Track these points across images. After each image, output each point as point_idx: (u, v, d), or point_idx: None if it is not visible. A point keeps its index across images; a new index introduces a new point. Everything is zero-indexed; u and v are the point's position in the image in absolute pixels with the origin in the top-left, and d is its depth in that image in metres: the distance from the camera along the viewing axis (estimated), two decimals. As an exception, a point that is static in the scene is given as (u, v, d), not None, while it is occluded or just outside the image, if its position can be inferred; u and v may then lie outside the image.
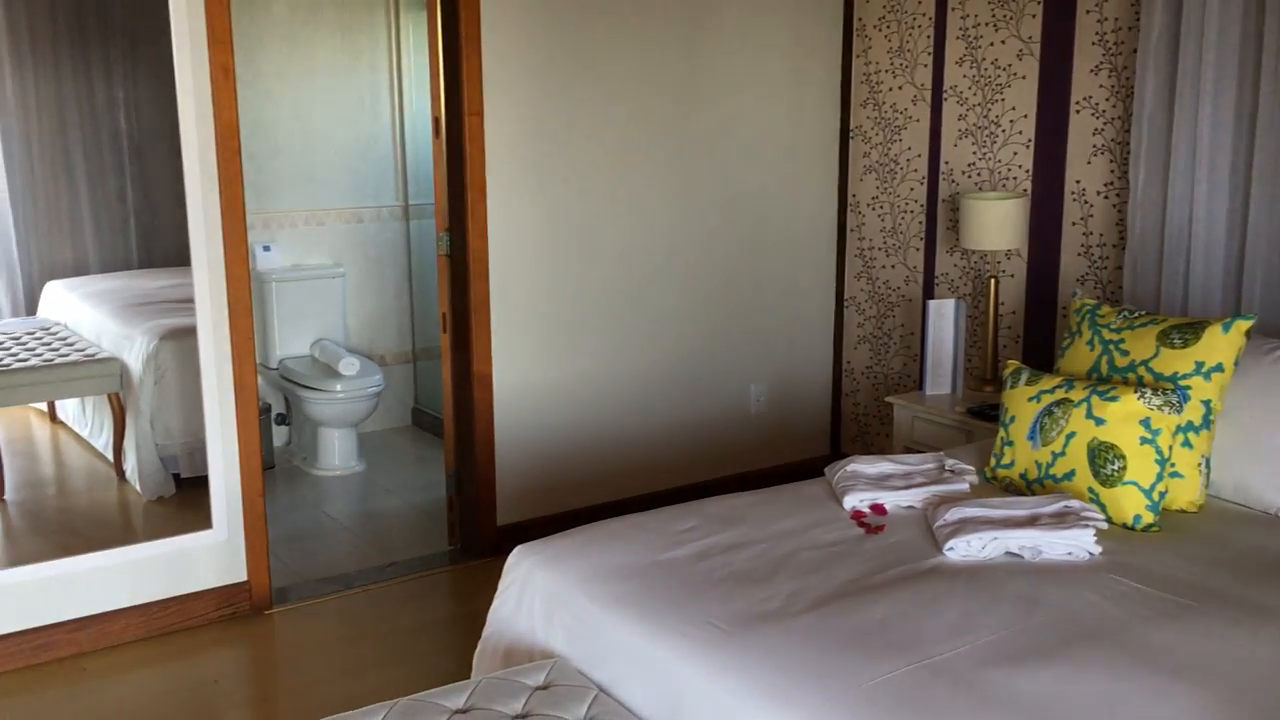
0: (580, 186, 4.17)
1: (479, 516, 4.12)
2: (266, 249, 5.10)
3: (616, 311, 4.32)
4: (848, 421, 4.97)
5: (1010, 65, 4.14)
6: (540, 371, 4.17)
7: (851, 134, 4.77)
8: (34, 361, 4.29)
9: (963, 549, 2.62)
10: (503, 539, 4.09)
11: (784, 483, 3.26)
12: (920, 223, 4.54)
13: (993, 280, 4.06)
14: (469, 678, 2.88)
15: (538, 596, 2.62)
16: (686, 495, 3.67)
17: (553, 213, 4.12)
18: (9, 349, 4.33)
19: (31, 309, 4.56)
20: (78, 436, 4.65)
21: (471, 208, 3.95)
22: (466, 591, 3.91)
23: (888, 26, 4.56)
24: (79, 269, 4.60)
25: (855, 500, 2.94)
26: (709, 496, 3.08)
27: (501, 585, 2.75)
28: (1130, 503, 2.81)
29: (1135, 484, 2.81)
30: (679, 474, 4.54)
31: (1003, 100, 4.18)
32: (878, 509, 2.92)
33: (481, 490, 4.11)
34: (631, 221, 4.30)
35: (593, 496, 4.31)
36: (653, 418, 4.46)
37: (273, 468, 5.02)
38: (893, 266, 4.67)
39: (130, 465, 4.24)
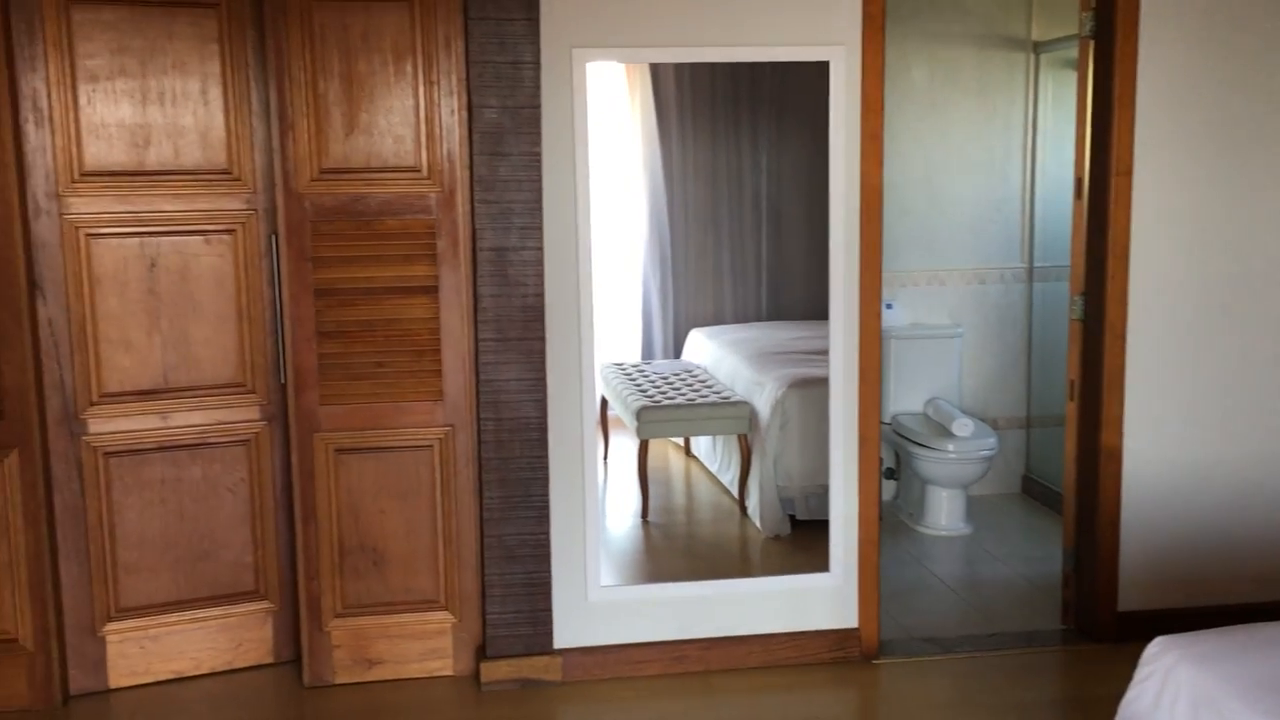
0: (1240, 251, 3.79)
1: (1098, 599, 3.86)
2: (889, 306, 5.25)
3: (1277, 390, 3.85)
4: None
5: None
6: (1179, 449, 3.83)
7: None
8: (679, 400, 4.79)
9: None
10: (1123, 626, 3.80)
11: None
12: None
13: None
14: (1091, 769, 2.72)
15: (1182, 696, 2.39)
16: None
17: (1204, 279, 3.78)
18: (660, 388, 4.88)
19: (676, 353, 5.12)
20: (707, 471, 5.11)
21: (1111, 271, 3.75)
22: (1079, 676, 3.68)
23: None
24: (716, 319, 5.09)
25: None
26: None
27: (1138, 676, 2.55)
28: None
29: None
30: (1342, 581, 3.93)
31: None
32: None
33: (1102, 571, 3.85)
34: (1299, 290, 3.83)
35: (1237, 594, 3.86)
36: (1315, 513, 3.91)
37: (880, 520, 5.12)
38: None
39: (752, 503, 4.56)
